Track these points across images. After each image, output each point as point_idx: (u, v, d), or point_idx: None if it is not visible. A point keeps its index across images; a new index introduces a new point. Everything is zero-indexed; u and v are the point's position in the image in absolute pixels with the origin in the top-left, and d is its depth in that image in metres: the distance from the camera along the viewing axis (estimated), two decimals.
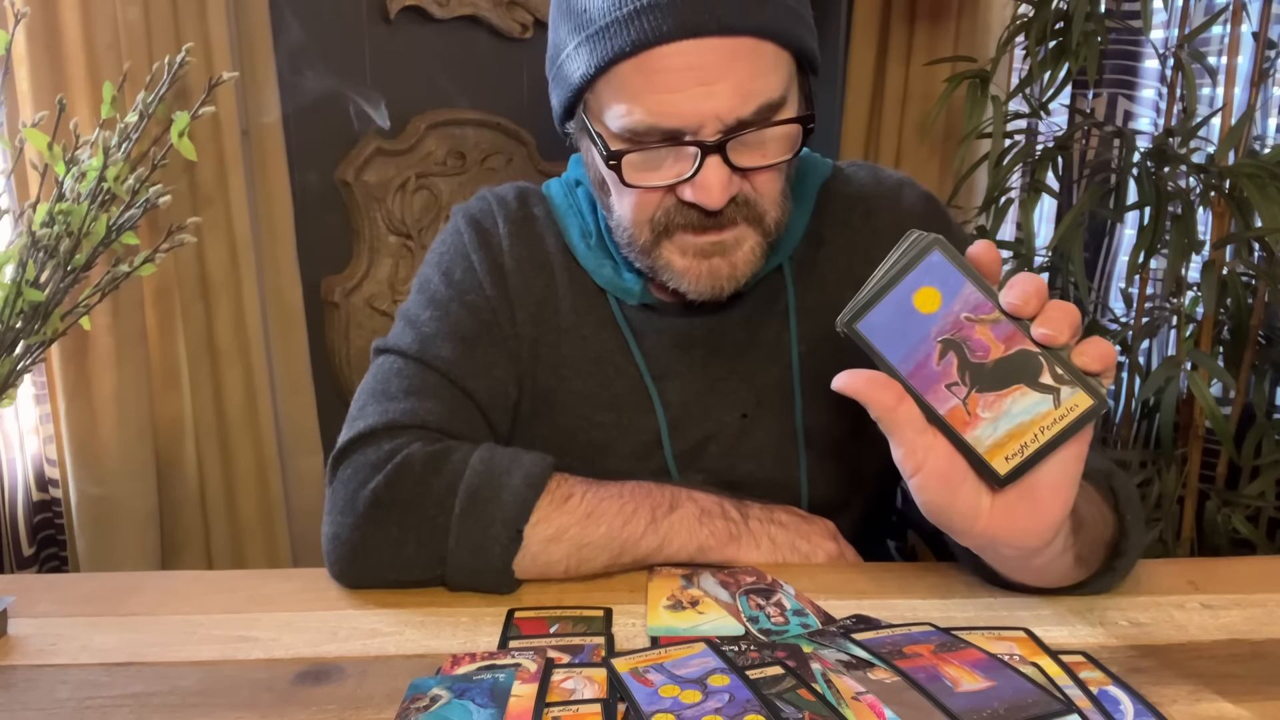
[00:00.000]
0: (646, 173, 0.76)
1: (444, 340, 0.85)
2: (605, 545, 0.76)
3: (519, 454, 0.77)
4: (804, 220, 0.89)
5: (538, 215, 0.91)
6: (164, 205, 0.77)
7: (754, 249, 0.80)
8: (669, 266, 0.80)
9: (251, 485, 1.51)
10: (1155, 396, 1.54)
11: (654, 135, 0.74)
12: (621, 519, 0.76)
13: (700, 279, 0.80)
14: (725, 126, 0.73)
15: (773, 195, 0.79)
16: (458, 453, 0.77)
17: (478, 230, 0.90)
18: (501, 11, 1.65)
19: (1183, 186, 1.46)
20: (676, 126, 0.73)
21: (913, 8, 1.75)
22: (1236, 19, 1.45)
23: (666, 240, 0.79)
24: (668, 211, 0.78)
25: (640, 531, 0.76)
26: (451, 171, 1.68)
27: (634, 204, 0.79)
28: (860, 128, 1.83)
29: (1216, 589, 0.77)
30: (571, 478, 0.78)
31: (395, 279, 1.68)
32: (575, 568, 0.76)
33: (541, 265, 0.89)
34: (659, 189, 0.77)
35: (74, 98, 1.25)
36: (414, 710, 0.57)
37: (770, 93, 0.74)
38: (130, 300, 1.34)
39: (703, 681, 0.59)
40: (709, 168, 0.74)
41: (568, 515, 0.75)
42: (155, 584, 0.78)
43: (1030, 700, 0.57)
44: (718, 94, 0.72)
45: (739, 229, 0.78)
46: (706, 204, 0.75)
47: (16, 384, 0.71)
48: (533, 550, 0.74)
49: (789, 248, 0.88)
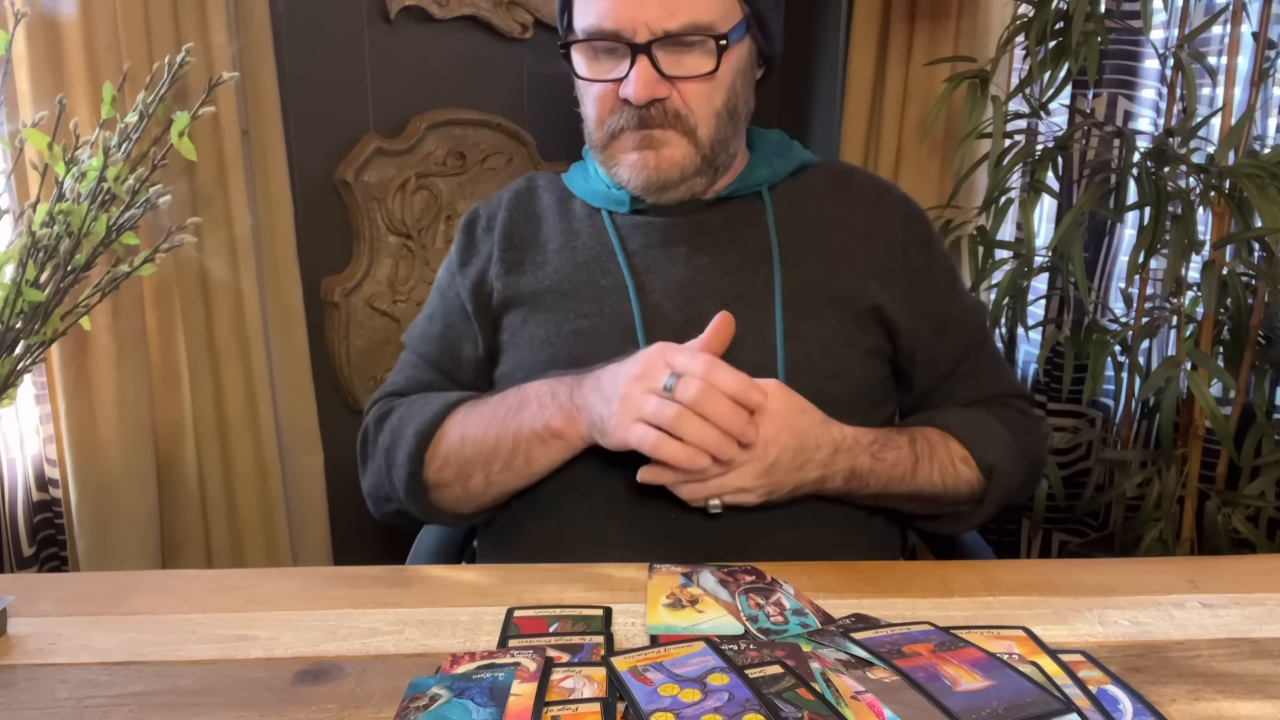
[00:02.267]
0: (596, 71, 0.94)
1: (420, 323, 1.08)
2: (475, 458, 0.91)
3: (422, 410, 0.95)
4: (784, 170, 1.03)
5: (539, 184, 1.09)
6: (164, 205, 0.77)
7: (685, 155, 0.94)
8: (616, 163, 0.96)
9: (251, 485, 1.51)
10: (1155, 396, 1.54)
11: (599, 35, 0.91)
12: (481, 430, 0.91)
13: (635, 168, 0.95)
14: (652, 34, 0.89)
15: (703, 111, 0.94)
16: (392, 413, 0.99)
17: (468, 220, 1.07)
18: (501, 11, 1.65)
19: (1183, 186, 1.46)
20: (614, 29, 0.90)
21: (913, 8, 1.75)
22: (1236, 19, 1.45)
23: (614, 140, 0.95)
24: (614, 114, 0.94)
25: (496, 435, 0.90)
26: (451, 171, 1.68)
27: (593, 102, 0.96)
28: (860, 128, 1.82)
29: (1216, 588, 0.77)
30: (461, 413, 0.94)
31: (395, 279, 1.68)
32: (465, 485, 0.93)
33: (533, 215, 1.06)
34: (607, 86, 0.93)
35: (74, 98, 1.25)
36: (413, 709, 0.57)
37: (699, 15, 0.90)
38: (130, 300, 1.34)
39: (702, 680, 0.59)
40: (637, 67, 0.90)
41: (447, 443, 0.93)
42: (155, 583, 0.78)
43: (1029, 699, 0.57)
44: (647, 5, 0.89)
45: (668, 133, 0.93)
46: (631, 97, 0.91)
47: (16, 384, 0.71)
48: (432, 481, 0.94)
49: (765, 180, 1.02)
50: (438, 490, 0.95)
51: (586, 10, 0.92)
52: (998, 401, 1.03)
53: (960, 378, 1.03)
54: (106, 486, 1.36)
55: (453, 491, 0.94)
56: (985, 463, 0.95)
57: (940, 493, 0.94)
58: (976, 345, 1.05)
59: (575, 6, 0.95)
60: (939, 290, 1.02)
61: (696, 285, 0.97)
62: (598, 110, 0.96)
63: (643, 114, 0.92)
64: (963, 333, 1.03)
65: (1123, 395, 1.66)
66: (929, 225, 1.06)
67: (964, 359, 1.03)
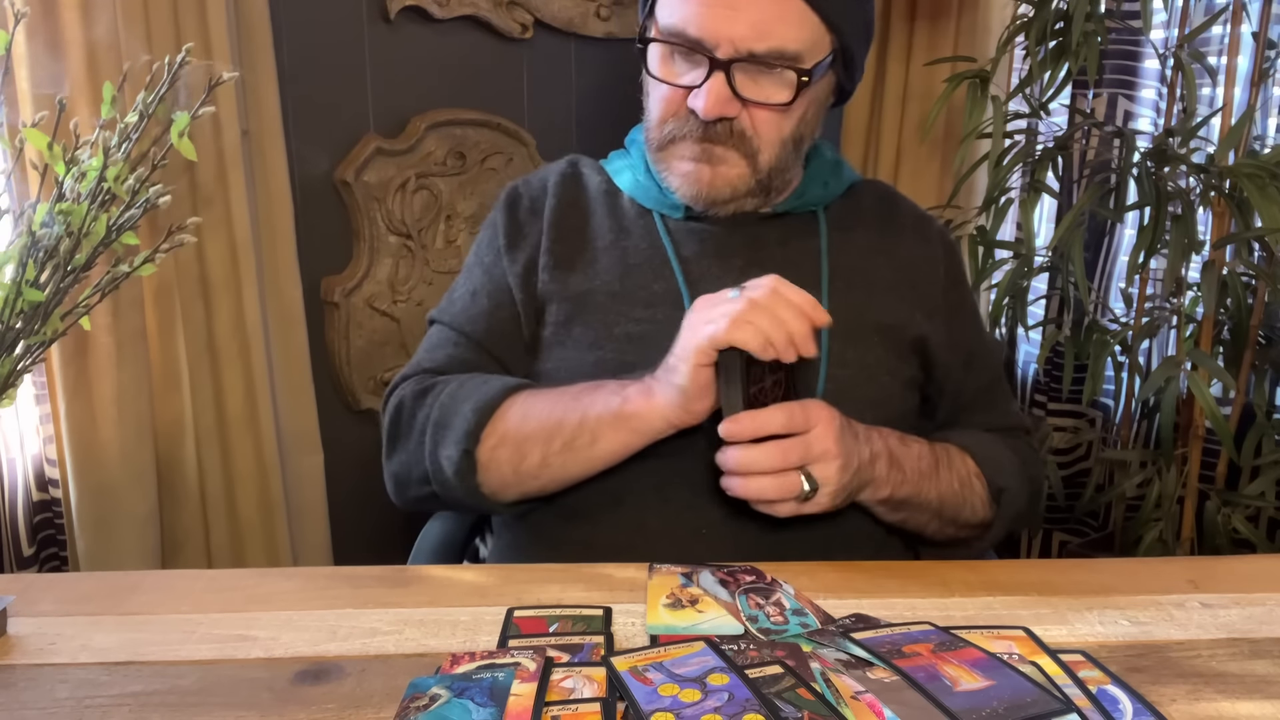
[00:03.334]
0: (669, 73, 0.91)
1: (460, 300, 1.02)
2: (536, 435, 0.87)
3: (481, 387, 0.91)
4: (838, 191, 1.02)
5: (584, 172, 1.05)
6: (164, 205, 0.77)
7: (740, 176, 0.92)
8: (668, 169, 0.94)
9: (251, 485, 1.51)
10: (1155, 396, 1.54)
11: (680, 39, 0.88)
12: (547, 409, 0.88)
13: (687, 178, 0.92)
14: (737, 52, 0.86)
15: (770, 137, 0.91)
16: (437, 388, 0.93)
17: (509, 196, 1.04)
18: (501, 11, 1.65)
19: (1183, 186, 1.46)
20: (698, 37, 0.87)
21: (913, 7, 1.75)
22: (1236, 19, 1.45)
23: (670, 145, 0.93)
24: (677, 120, 0.91)
25: (563, 412, 0.86)
26: (451, 171, 1.68)
27: (658, 101, 0.93)
28: (860, 128, 1.82)
29: (1216, 588, 0.77)
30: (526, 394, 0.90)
31: (395, 279, 1.68)
32: (518, 466, 0.88)
33: (580, 205, 1.02)
34: (677, 90, 0.90)
35: (74, 98, 1.25)
36: (413, 709, 0.57)
37: (788, 43, 0.86)
38: (130, 300, 1.34)
39: (702, 680, 0.59)
40: (712, 81, 0.87)
41: (506, 422, 0.88)
42: (155, 583, 0.78)
43: (1029, 699, 0.57)
44: (738, 21, 0.85)
45: (729, 152, 0.91)
46: (699, 110, 0.88)
47: (16, 384, 0.71)
48: (483, 460, 0.89)
49: (823, 199, 1.01)
50: (485, 471, 0.89)
51: (674, 8, 0.88)
52: (1008, 434, 1.04)
53: (978, 410, 1.04)
54: (106, 486, 1.35)
55: (501, 473, 0.89)
56: (996, 485, 0.95)
57: (959, 504, 0.93)
58: (996, 380, 1.07)
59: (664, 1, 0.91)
60: (968, 325, 1.04)
61: None
62: (661, 111, 0.93)
63: (708, 128, 0.89)
64: (986, 368, 1.05)
65: (1123, 395, 1.66)
66: (960, 259, 1.07)
67: (984, 392, 1.04)
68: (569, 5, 1.67)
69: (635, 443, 0.86)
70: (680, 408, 0.81)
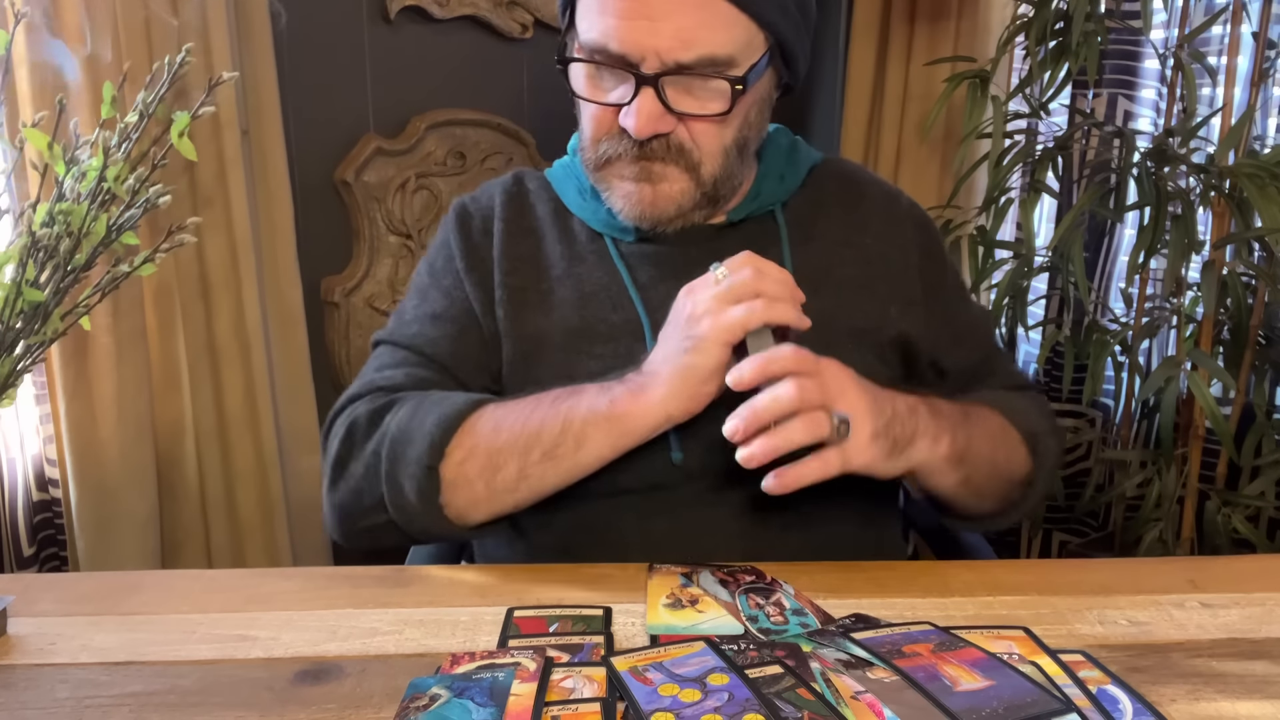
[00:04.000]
0: (595, 91, 0.85)
1: (417, 321, 0.94)
2: (511, 446, 0.80)
3: (444, 401, 0.83)
4: (795, 183, 0.97)
5: (530, 188, 0.99)
6: (164, 205, 0.77)
7: (683, 191, 0.87)
8: (610, 189, 0.89)
9: (251, 485, 1.51)
10: (1155, 396, 1.54)
11: (603, 56, 0.82)
12: (523, 418, 0.80)
13: (631, 199, 0.87)
14: (664, 65, 0.80)
15: (711, 148, 0.86)
16: (395, 406, 0.85)
17: (460, 217, 0.98)
18: (501, 11, 1.65)
19: (1183, 186, 1.46)
20: (620, 52, 0.80)
21: (913, 8, 1.75)
22: (1236, 19, 1.45)
23: (608, 167, 0.87)
24: (611, 139, 0.86)
25: (540, 420, 0.80)
26: (451, 171, 1.68)
27: (589, 122, 0.87)
28: (860, 128, 1.82)
29: (1216, 588, 0.77)
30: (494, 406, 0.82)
31: (395, 279, 1.68)
32: (491, 480, 0.80)
33: (530, 229, 0.96)
34: (606, 109, 0.85)
35: (74, 98, 1.25)
36: (413, 709, 0.57)
37: (716, 48, 0.80)
38: (130, 300, 1.34)
39: (702, 680, 0.59)
40: (641, 98, 0.81)
41: (476, 435, 0.80)
42: (155, 583, 0.78)
43: (1029, 699, 0.57)
44: (660, 31, 0.79)
45: (668, 168, 0.85)
46: (632, 130, 0.82)
47: (16, 384, 0.71)
48: (449, 477, 0.80)
49: (779, 196, 0.96)
50: (452, 489, 0.81)
51: (591, 22, 0.82)
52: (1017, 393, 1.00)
53: (979, 379, 1.00)
54: (106, 486, 1.36)
55: (472, 491, 0.81)
56: (1029, 430, 0.91)
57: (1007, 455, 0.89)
58: (991, 349, 1.03)
59: (579, 12, 0.85)
60: (952, 300, 1.00)
61: None
62: (593, 130, 0.87)
63: (642, 146, 0.84)
64: (977, 337, 1.01)
65: (1123, 395, 1.66)
66: (935, 231, 1.02)
67: (983, 363, 1.01)
68: None
69: (625, 444, 0.81)
70: (686, 396, 0.77)
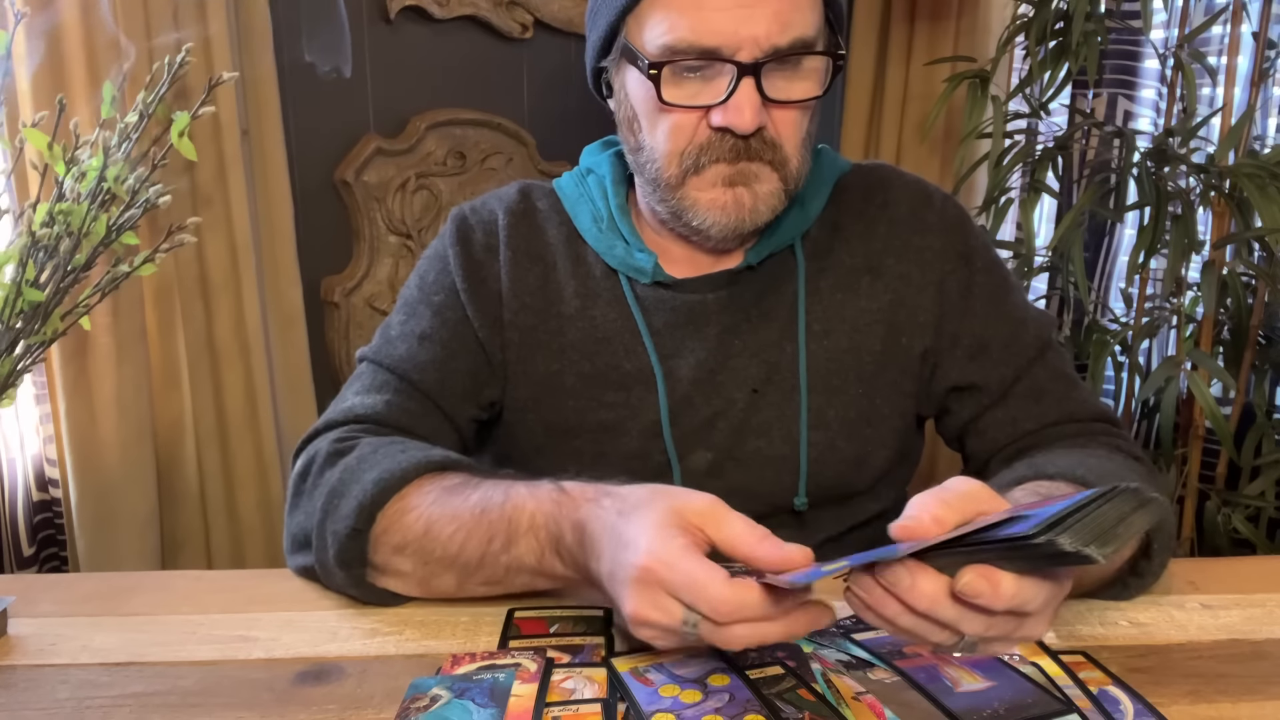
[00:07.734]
0: (680, 94, 0.78)
1: (404, 340, 0.88)
2: (443, 561, 0.70)
3: (399, 451, 0.74)
4: (819, 206, 0.90)
5: (540, 208, 0.92)
6: (164, 205, 0.77)
7: (774, 192, 0.80)
8: (694, 204, 0.81)
9: (251, 485, 1.51)
10: (1155, 396, 1.54)
11: (692, 53, 0.75)
12: (457, 535, 0.69)
13: (725, 209, 0.80)
14: (762, 52, 0.75)
15: (794, 140, 0.80)
16: (356, 448, 0.76)
17: (460, 229, 0.91)
18: (501, 11, 1.65)
19: (1183, 186, 1.46)
20: (715, 45, 0.75)
21: (913, 8, 1.75)
22: (1236, 19, 1.45)
23: (694, 176, 0.80)
24: (699, 145, 0.79)
25: (473, 550, 0.69)
26: (451, 171, 1.68)
27: (668, 132, 0.79)
28: (860, 128, 1.83)
29: (1216, 589, 0.77)
30: (437, 481, 0.72)
31: (395, 279, 1.68)
32: (427, 582, 0.72)
33: (539, 256, 0.90)
34: (693, 112, 0.78)
35: (74, 98, 1.25)
36: (414, 710, 0.57)
37: (806, 28, 0.77)
38: (130, 300, 1.34)
39: (703, 681, 0.59)
40: (743, 90, 0.75)
41: (406, 524, 0.71)
42: (155, 584, 0.78)
43: (1030, 700, 0.57)
44: (757, 18, 0.74)
45: (762, 167, 0.79)
46: (737, 126, 0.76)
47: (16, 384, 0.71)
48: (378, 562, 0.72)
49: (800, 227, 0.89)
50: (383, 575, 0.72)
51: (673, 23, 0.75)
52: (1074, 429, 0.86)
53: (1016, 400, 0.87)
54: (106, 486, 1.35)
55: (405, 583, 0.73)
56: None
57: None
58: (1033, 364, 0.88)
59: (648, 20, 0.77)
60: (976, 312, 0.89)
61: (726, 371, 0.86)
62: (672, 143, 0.79)
63: (740, 145, 0.78)
64: (1011, 352, 0.88)
65: (1123, 395, 1.66)
66: (969, 231, 0.91)
67: (1017, 380, 0.87)
68: (569, 5, 1.67)
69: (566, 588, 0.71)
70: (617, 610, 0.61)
